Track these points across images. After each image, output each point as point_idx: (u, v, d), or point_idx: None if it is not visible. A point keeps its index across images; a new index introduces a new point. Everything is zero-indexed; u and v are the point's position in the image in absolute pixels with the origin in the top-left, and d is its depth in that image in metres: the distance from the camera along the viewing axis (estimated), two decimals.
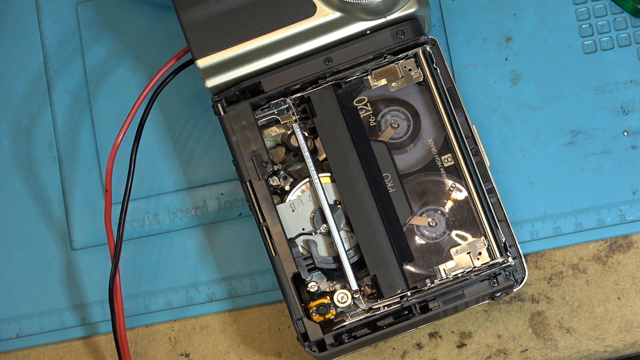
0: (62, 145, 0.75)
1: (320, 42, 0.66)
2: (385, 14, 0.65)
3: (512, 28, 0.73)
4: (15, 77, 0.76)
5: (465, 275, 0.64)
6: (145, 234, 0.74)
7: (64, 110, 0.75)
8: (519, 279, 0.66)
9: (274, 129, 0.68)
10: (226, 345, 0.72)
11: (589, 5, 0.72)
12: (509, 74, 0.72)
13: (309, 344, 0.64)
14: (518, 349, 0.70)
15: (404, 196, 0.66)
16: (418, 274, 0.65)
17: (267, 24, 0.65)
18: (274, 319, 0.72)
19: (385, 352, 0.71)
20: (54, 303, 0.74)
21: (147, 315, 0.73)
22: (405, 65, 0.67)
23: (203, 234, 0.73)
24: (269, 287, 0.72)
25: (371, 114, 0.67)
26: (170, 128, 0.74)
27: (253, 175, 0.66)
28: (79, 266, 0.74)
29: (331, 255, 0.66)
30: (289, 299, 0.65)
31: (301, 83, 0.66)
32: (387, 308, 0.64)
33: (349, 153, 0.66)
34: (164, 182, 0.74)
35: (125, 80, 0.75)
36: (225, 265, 0.73)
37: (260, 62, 0.66)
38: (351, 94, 0.67)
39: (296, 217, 0.66)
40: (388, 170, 0.66)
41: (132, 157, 0.68)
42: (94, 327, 0.73)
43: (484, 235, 0.65)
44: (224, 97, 0.66)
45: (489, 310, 0.71)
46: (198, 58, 0.66)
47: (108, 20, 0.76)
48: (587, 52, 0.72)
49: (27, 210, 0.75)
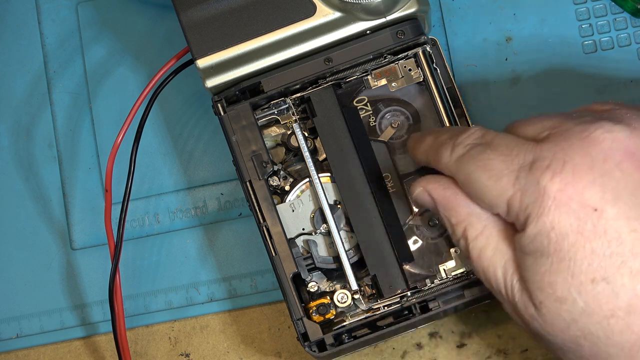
0: (62, 145, 0.75)
1: (320, 42, 0.66)
2: (385, 14, 0.65)
3: (512, 28, 0.73)
4: (15, 77, 0.76)
5: (465, 275, 0.64)
6: (145, 234, 0.74)
7: (64, 110, 0.75)
8: None
9: (274, 129, 0.68)
10: (226, 345, 0.72)
11: (589, 5, 0.72)
12: (509, 74, 0.72)
13: (309, 344, 0.64)
14: (518, 349, 0.70)
15: (404, 196, 0.66)
16: (418, 274, 0.65)
17: (267, 24, 0.65)
18: (274, 319, 0.72)
19: (385, 352, 0.71)
20: (54, 303, 0.74)
21: (147, 315, 0.73)
22: (405, 65, 0.67)
23: (203, 234, 0.73)
24: (269, 287, 0.72)
25: (371, 114, 0.67)
26: (170, 128, 0.74)
27: (253, 175, 0.66)
28: (79, 266, 0.74)
29: (331, 255, 0.66)
30: (289, 299, 0.65)
31: (301, 83, 0.66)
32: (387, 308, 0.64)
33: (349, 153, 0.66)
34: (164, 182, 0.74)
35: (125, 80, 0.75)
36: (225, 265, 0.73)
37: (260, 62, 0.66)
38: (351, 94, 0.67)
39: (296, 217, 0.66)
40: (388, 170, 0.66)
41: (132, 157, 0.68)
42: (94, 327, 0.73)
43: None
44: (224, 97, 0.66)
45: (489, 310, 0.71)
46: (198, 58, 0.66)
47: (108, 20, 0.76)
48: (587, 52, 0.72)
49: (27, 210, 0.75)
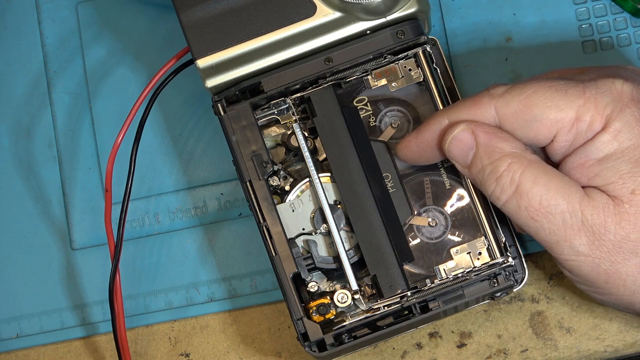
0: (62, 145, 0.75)
1: (320, 42, 0.66)
2: (385, 14, 0.65)
3: (512, 28, 0.73)
4: (15, 77, 0.76)
5: (465, 275, 0.64)
6: (145, 234, 0.74)
7: (64, 110, 0.75)
8: (519, 279, 0.66)
9: (274, 129, 0.68)
10: (226, 345, 0.72)
11: (589, 5, 0.72)
12: (509, 74, 0.72)
13: (309, 344, 0.64)
14: (518, 349, 0.70)
15: (404, 196, 0.66)
16: (418, 274, 0.65)
17: (267, 24, 0.65)
18: (274, 319, 0.72)
19: (385, 352, 0.71)
20: (54, 303, 0.74)
21: (147, 315, 0.73)
22: (405, 65, 0.67)
23: (203, 234, 0.73)
24: (269, 287, 0.72)
25: (371, 114, 0.67)
26: (170, 128, 0.74)
27: (253, 175, 0.66)
28: (79, 266, 0.74)
29: (331, 255, 0.66)
30: (289, 299, 0.65)
31: (301, 83, 0.66)
32: (387, 308, 0.64)
33: (349, 153, 0.66)
34: (164, 182, 0.74)
35: (125, 80, 0.75)
36: (225, 265, 0.73)
37: (260, 62, 0.66)
38: (351, 94, 0.67)
39: (296, 217, 0.66)
40: (388, 170, 0.66)
41: (132, 157, 0.68)
42: (94, 327, 0.73)
43: (484, 235, 0.65)
44: (224, 97, 0.66)
45: (489, 310, 0.71)
46: (198, 58, 0.66)
47: (108, 20, 0.76)
48: (587, 52, 0.72)
49: (27, 210, 0.75)
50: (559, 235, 0.59)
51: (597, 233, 0.59)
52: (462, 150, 0.61)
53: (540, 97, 0.59)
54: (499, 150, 0.60)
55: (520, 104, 0.60)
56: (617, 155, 0.58)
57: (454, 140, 0.61)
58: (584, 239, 0.59)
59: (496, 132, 0.60)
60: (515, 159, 0.59)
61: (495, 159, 0.60)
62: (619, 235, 0.59)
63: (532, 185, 0.59)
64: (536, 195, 0.59)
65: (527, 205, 0.59)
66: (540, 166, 0.60)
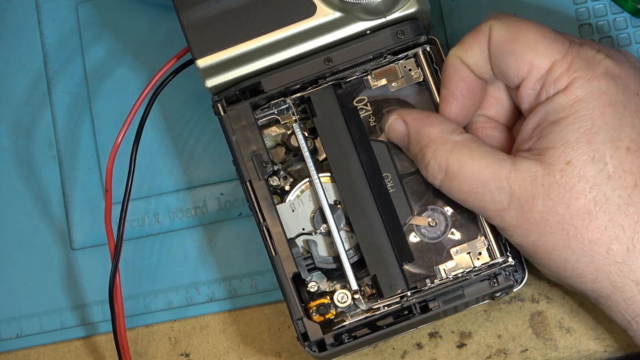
0: (62, 145, 0.75)
1: (320, 42, 0.66)
2: (385, 14, 0.65)
3: None
4: (15, 77, 0.76)
5: (465, 275, 0.64)
6: (145, 234, 0.74)
7: (64, 110, 0.75)
8: (519, 279, 0.66)
9: (274, 129, 0.68)
10: (226, 345, 0.72)
11: (589, 5, 0.72)
12: None
13: (309, 344, 0.64)
14: (518, 349, 0.70)
15: (404, 196, 0.66)
16: (418, 274, 0.65)
17: (267, 24, 0.65)
18: (274, 319, 0.72)
19: (385, 352, 0.71)
20: (54, 303, 0.74)
21: (147, 315, 0.73)
22: (405, 65, 0.67)
23: (203, 234, 0.73)
24: (269, 287, 0.72)
25: (371, 114, 0.67)
26: (170, 128, 0.74)
27: (253, 175, 0.66)
28: (79, 266, 0.74)
29: (331, 255, 0.66)
30: (289, 299, 0.65)
31: (301, 83, 0.66)
32: (387, 308, 0.64)
33: (349, 153, 0.66)
34: (164, 182, 0.74)
35: (125, 80, 0.75)
36: (225, 265, 0.73)
37: (260, 62, 0.66)
38: (351, 94, 0.67)
39: (296, 217, 0.66)
40: (388, 170, 0.66)
41: (132, 157, 0.68)
42: (94, 327, 0.73)
43: (484, 235, 0.65)
44: (224, 97, 0.66)
45: (489, 310, 0.71)
46: (198, 58, 0.66)
47: (108, 20, 0.76)
48: None
49: (27, 210, 0.75)
50: (492, 210, 0.61)
51: (525, 205, 0.60)
52: (399, 138, 0.64)
53: (527, 36, 0.61)
54: (426, 136, 0.62)
55: (508, 34, 0.61)
56: (569, 122, 0.59)
57: (390, 129, 0.64)
58: (513, 212, 0.60)
59: (424, 117, 0.62)
60: (440, 144, 0.61)
61: (423, 145, 0.62)
62: (547, 207, 0.59)
63: (459, 169, 0.61)
64: (465, 179, 0.61)
65: (457, 189, 0.61)
66: (467, 147, 0.61)
